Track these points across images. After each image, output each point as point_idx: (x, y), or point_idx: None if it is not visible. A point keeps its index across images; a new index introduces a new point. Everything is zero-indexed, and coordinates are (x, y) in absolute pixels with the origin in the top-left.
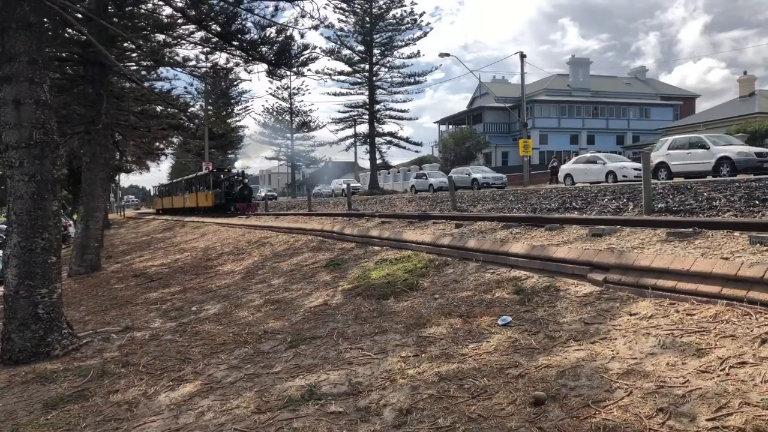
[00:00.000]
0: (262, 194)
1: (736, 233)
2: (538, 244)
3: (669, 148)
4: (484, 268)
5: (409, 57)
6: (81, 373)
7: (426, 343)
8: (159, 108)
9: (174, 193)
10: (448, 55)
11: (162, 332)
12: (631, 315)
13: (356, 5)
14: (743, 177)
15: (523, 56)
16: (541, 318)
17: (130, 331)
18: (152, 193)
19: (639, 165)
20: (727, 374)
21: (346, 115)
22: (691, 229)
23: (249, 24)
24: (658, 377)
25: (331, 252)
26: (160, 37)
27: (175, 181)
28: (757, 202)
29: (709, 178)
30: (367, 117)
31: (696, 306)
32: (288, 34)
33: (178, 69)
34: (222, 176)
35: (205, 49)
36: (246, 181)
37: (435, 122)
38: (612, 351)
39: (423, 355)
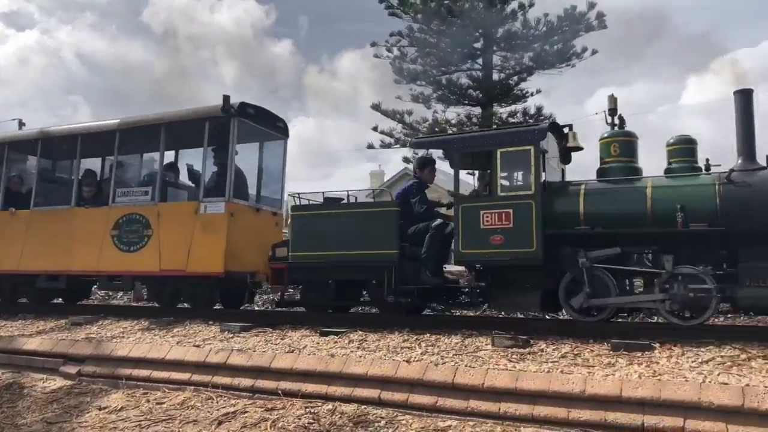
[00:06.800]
0: None
1: (210, 321)
2: (7, 335)
3: None
4: None
5: None
6: None
7: None
8: None
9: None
10: None
11: None
12: (101, 409)
13: None
14: None
15: (22, 123)
16: None
17: None
18: None
19: None
20: None
21: None
22: (171, 318)
23: None
24: None
25: None
26: None
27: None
28: None
29: None
30: None
31: (167, 394)
32: None
33: None
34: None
35: None
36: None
37: None
38: None
39: None
